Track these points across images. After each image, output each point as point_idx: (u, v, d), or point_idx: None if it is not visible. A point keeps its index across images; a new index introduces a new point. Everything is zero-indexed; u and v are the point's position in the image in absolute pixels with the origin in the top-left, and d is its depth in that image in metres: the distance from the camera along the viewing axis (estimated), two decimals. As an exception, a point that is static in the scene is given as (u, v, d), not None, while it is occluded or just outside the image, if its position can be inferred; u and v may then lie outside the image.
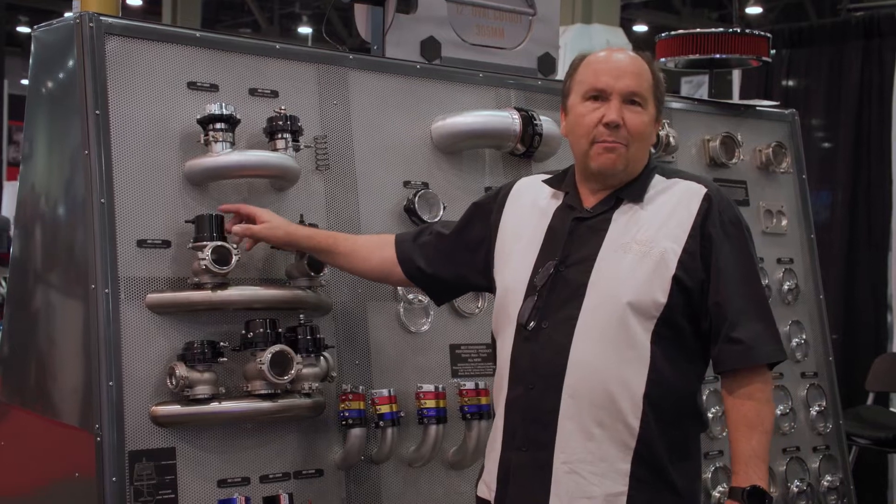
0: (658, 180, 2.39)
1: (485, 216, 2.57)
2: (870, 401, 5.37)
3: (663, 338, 2.28)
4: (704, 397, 3.41)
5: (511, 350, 2.37)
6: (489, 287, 2.54)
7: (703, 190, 2.35)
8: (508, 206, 2.52)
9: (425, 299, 2.99)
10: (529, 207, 2.48)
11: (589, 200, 2.40)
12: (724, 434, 3.43)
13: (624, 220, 2.34)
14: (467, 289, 2.74)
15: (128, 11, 15.30)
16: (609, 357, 2.27)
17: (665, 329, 2.28)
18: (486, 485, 2.44)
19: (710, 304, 2.30)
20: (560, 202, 2.44)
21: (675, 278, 2.27)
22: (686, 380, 2.34)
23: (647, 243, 2.30)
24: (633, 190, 2.37)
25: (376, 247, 2.70)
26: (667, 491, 2.29)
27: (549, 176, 2.53)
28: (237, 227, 2.66)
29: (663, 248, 2.29)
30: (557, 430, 2.28)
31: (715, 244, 2.30)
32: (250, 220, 2.68)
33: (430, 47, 3.35)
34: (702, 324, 2.32)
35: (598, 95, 2.34)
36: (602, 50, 2.42)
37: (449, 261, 2.62)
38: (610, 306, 2.27)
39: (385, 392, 2.82)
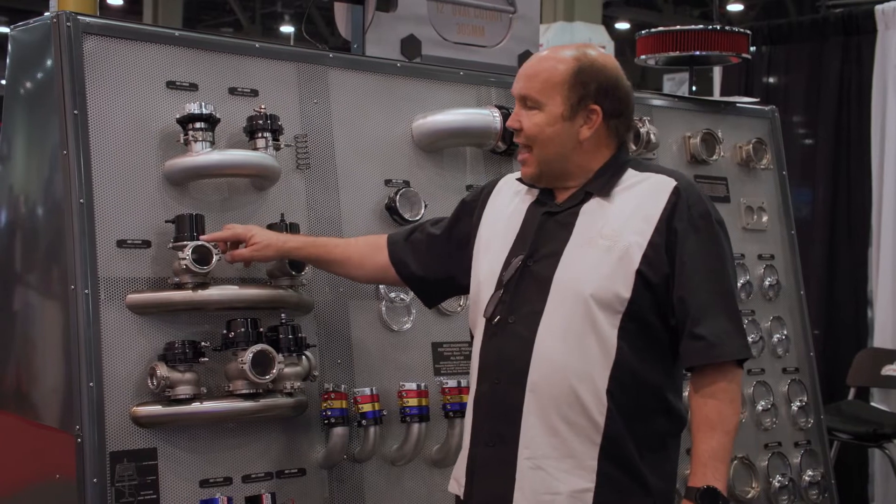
0: (630, 174, 2.38)
1: (469, 213, 2.58)
2: (851, 396, 5.39)
3: (630, 333, 2.27)
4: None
5: (480, 345, 2.39)
6: None
7: (673, 183, 2.33)
8: (489, 203, 2.54)
9: (407, 297, 2.99)
10: (506, 204, 2.49)
11: (560, 195, 2.40)
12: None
13: (591, 215, 2.34)
14: (457, 290, 2.71)
15: (108, 11, 15.23)
16: (572, 352, 2.26)
17: (632, 324, 2.27)
18: (456, 480, 2.45)
19: (674, 299, 2.28)
20: (534, 198, 2.44)
21: (639, 273, 2.26)
22: (653, 375, 2.31)
23: (612, 237, 2.29)
24: (600, 184, 2.37)
25: (369, 251, 2.70)
26: (636, 488, 2.28)
27: None
28: (226, 256, 2.66)
29: (628, 243, 2.28)
30: (521, 425, 2.28)
31: (680, 238, 2.28)
32: (237, 242, 2.67)
33: (410, 45, 3.35)
34: (670, 319, 2.30)
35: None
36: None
37: (439, 262, 2.62)
38: (574, 301, 2.27)
39: (367, 391, 2.82)
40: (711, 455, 2.23)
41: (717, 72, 6.19)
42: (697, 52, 3.91)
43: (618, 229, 2.30)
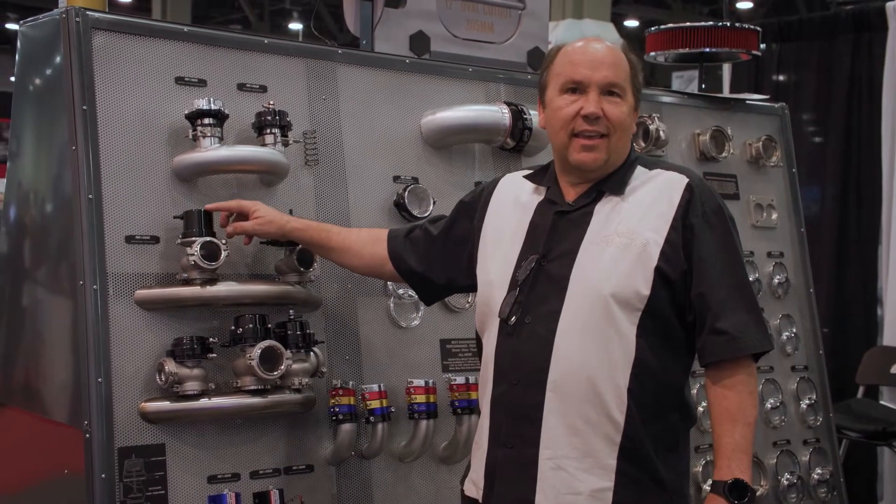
0: (640, 172, 2.37)
1: (469, 215, 2.57)
2: (860, 394, 5.38)
3: (649, 330, 2.26)
4: (694, 392, 3.41)
5: (494, 346, 2.36)
6: (474, 287, 2.52)
7: (685, 180, 2.33)
8: (491, 205, 2.51)
9: (416, 294, 2.98)
10: (511, 204, 2.47)
11: (570, 194, 2.38)
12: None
13: (605, 213, 2.33)
14: (456, 290, 2.73)
15: (117, 7, 15.25)
16: (592, 351, 2.25)
17: (651, 322, 2.26)
18: (474, 483, 2.42)
19: (693, 296, 2.27)
20: (542, 197, 2.42)
21: (658, 270, 2.25)
22: (671, 373, 2.31)
23: (628, 235, 2.28)
24: (614, 182, 2.36)
25: (368, 242, 2.70)
26: (653, 486, 2.27)
27: (530, 172, 2.52)
28: (228, 228, 2.66)
29: (645, 240, 2.27)
30: (542, 425, 2.26)
31: (697, 235, 2.28)
32: (241, 215, 2.68)
33: (419, 42, 3.35)
34: (687, 316, 2.30)
35: (576, 87, 2.33)
36: (578, 40, 2.39)
37: (438, 263, 2.61)
38: (592, 299, 2.26)
39: (375, 387, 2.82)
40: (735, 447, 2.24)
41: (726, 69, 6.18)
42: (707, 49, 3.90)
43: (634, 227, 2.29)
